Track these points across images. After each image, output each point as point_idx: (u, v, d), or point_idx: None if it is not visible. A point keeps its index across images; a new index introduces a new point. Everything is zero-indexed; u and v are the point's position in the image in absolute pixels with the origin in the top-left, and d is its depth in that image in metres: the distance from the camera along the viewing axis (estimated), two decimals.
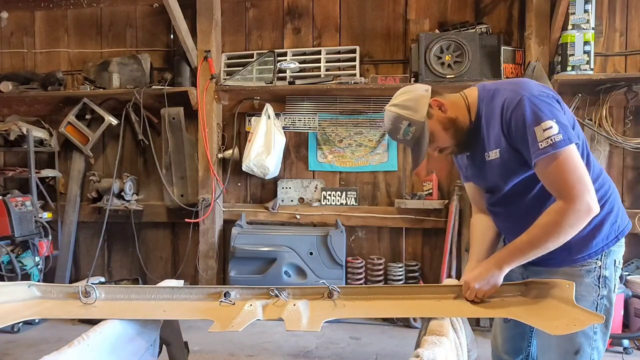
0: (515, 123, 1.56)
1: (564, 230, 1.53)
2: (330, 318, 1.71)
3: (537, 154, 1.52)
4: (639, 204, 3.86)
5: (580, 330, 1.50)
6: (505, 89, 1.63)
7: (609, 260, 1.70)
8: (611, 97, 3.73)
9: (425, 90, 1.73)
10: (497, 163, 1.67)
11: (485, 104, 1.69)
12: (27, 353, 3.36)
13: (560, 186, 1.53)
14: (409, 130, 1.69)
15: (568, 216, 1.52)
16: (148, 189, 4.55)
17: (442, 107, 1.71)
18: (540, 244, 1.57)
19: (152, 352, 1.80)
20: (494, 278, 1.66)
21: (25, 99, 4.37)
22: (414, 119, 1.68)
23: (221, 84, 4.17)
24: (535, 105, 1.54)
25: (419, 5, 4.12)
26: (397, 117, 1.70)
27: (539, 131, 1.51)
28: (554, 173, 1.53)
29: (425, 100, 1.70)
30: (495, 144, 1.65)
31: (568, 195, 1.52)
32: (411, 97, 1.71)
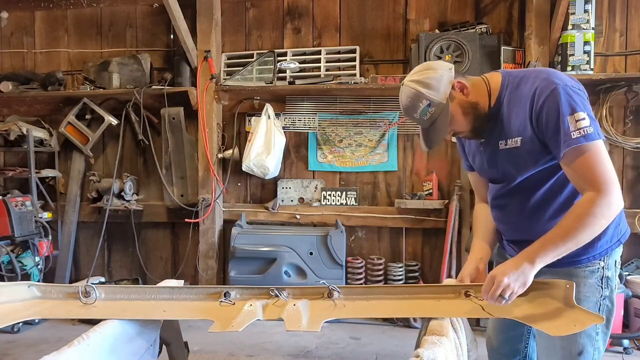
0: (548, 111, 1.51)
1: (598, 221, 1.48)
2: (330, 318, 1.71)
3: (569, 143, 1.47)
4: (639, 204, 3.87)
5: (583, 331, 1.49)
6: (537, 77, 1.57)
7: (610, 261, 1.67)
8: (611, 97, 3.73)
9: (449, 69, 1.66)
10: (515, 152, 1.62)
11: (509, 90, 1.63)
12: (27, 353, 3.36)
13: (592, 177, 1.48)
14: (427, 111, 1.62)
15: (602, 207, 1.47)
16: (148, 189, 4.55)
17: (464, 90, 1.65)
18: (574, 235, 1.49)
19: (152, 352, 1.80)
20: (525, 274, 1.52)
21: (25, 99, 4.37)
22: (435, 99, 1.60)
23: (221, 84, 4.17)
24: (569, 95, 1.50)
25: (419, 5, 4.12)
26: (417, 94, 1.62)
27: (572, 121, 1.47)
28: (585, 164, 1.48)
29: (448, 80, 1.63)
30: (517, 131, 1.59)
31: (601, 187, 1.48)
32: (434, 76, 1.62)
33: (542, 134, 1.55)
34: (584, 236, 1.49)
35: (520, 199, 1.69)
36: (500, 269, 1.55)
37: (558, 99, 1.49)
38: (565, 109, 1.49)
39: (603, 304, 1.65)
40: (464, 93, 1.65)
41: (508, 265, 1.56)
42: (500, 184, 1.74)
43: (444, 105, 1.62)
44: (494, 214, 1.84)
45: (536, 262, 1.52)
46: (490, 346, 2.03)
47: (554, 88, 1.51)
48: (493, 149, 1.69)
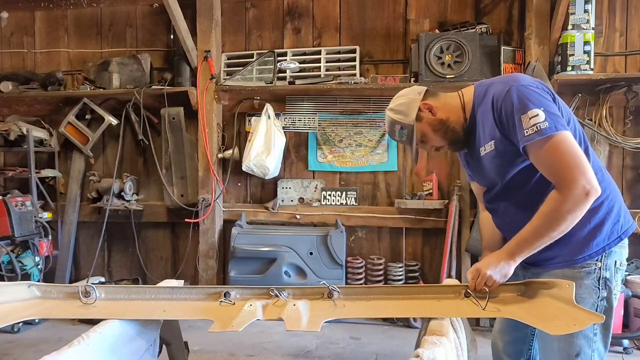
0: (505, 112, 1.59)
1: (563, 217, 1.52)
2: (330, 318, 1.71)
3: (523, 141, 1.54)
4: (638, 204, 3.86)
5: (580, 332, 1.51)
6: (497, 82, 1.70)
7: (609, 261, 1.65)
8: (611, 97, 3.73)
9: (418, 94, 1.80)
10: (492, 155, 1.70)
11: (479, 100, 1.73)
12: (27, 353, 3.36)
13: (553, 172, 1.54)
14: (402, 133, 1.81)
15: (565, 202, 1.51)
16: (148, 189, 4.55)
17: (432, 110, 1.77)
18: (544, 233, 1.56)
19: (152, 352, 1.80)
20: (506, 267, 1.65)
21: (25, 99, 4.37)
22: (404, 122, 1.79)
23: (221, 84, 4.17)
24: (522, 94, 1.57)
25: (419, 5, 4.12)
26: (391, 121, 1.83)
27: (525, 119, 1.53)
28: (544, 159, 1.55)
29: (415, 104, 1.78)
30: (490, 136, 1.68)
31: (562, 181, 1.52)
32: (403, 102, 1.80)
33: (508, 134, 1.62)
34: (554, 233, 1.55)
35: (509, 200, 1.76)
36: (484, 263, 1.68)
37: (511, 99, 1.58)
38: (517, 108, 1.56)
39: (600, 305, 1.64)
40: (432, 112, 1.78)
41: (491, 260, 1.67)
42: (490, 189, 1.83)
43: (412, 127, 1.78)
44: (493, 219, 1.91)
45: (515, 258, 1.64)
46: (495, 347, 2.03)
47: (507, 90, 1.60)
48: (477, 157, 1.78)
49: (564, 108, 1.67)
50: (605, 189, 1.64)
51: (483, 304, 1.66)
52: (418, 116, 1.77)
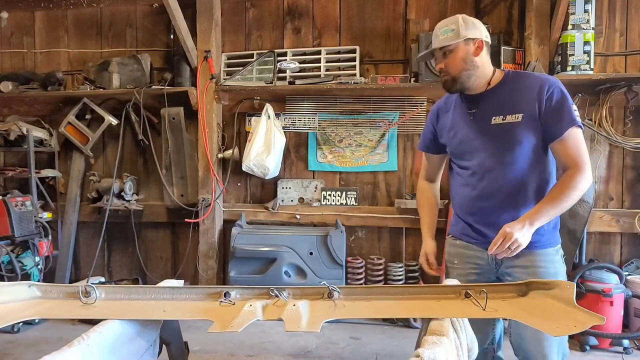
0: (559, 98, 1.89)
1: (577, 192, 1.87)
2: (330, 318, 1.71)
3: (572, 123, 1.87)
4: (638, 204, 3.87)
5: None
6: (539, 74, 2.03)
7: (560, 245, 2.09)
8: (611, 97, 3.73)
9: (487, 36, 2.02)
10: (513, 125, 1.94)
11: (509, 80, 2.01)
12: (27, 353, 3.36)
13: (577, 156, 1.88)
14: (447, 32, 1.97)
15: (582, 181, 1.86)
16: (148, 189, 4.55)
17: (478, 50, 1.98)
18: (562, 203, 1.87)
19: (152, 352, 1.79)
20: (529, 231, 1.86)
21: (25, 99, 4.37)
22: (460, 31, 1.95)
23: (221, 84, 4.17)
24: (567, 92, 1.94)
25: (419, 5, 4.12)
26: (455, 20, 1.98)
27: (574, 108, 1.90)
28: (575, 144, 1.88)
29: (480, 35, 1.98)
30: (519, 109, 1.93)
31: (582, 164, 1.87)
32: (476, 24, 2.00)
33: (549, 114, 1.90)
34: (567, 204, 1.89)
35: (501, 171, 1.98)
36: (510, 227, 1.85)
37: (564, 92, 1.91)
38: (569, 100, 1.91)
39: (564, 273, 2.04)
40: (477, 52, 1.98)
41: (515, 225, 1.86)
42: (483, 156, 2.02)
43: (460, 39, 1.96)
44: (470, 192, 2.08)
45: (535, 223, 1.87)
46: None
47: (559, 84, 1.94)
48: (485, 123, 2.00)
49: None
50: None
51: (483, 304, 1.66)
52: (469, 41, 1.96)
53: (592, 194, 3.52)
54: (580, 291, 3.35)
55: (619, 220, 3.81)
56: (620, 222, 3.81)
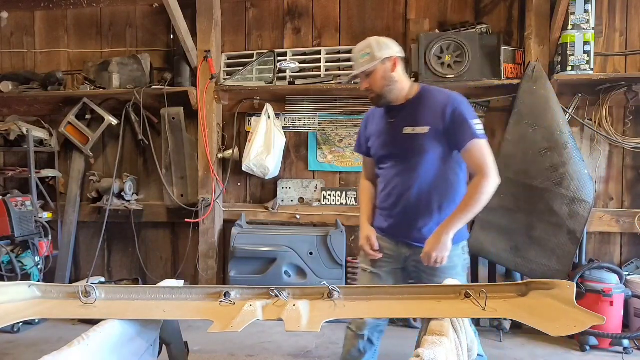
0: (460, 116, 2.14)
1: (485, 197, 2.10)
2: (330, 318, 1.71)
3: (473, 136, 2.11)
4: (638, 204, 3.86)
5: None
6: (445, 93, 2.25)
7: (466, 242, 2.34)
8: (611, 97, 3.73)
9: (399, 52, 2.26)
10: (421, 136, 2.18)
11: (424, 94, 2.25)
12: (27, 353, 3.36)
13: (482, 163, 2.12)
14: (365, 56, 2.20)
15: (487, 187, 2.10)
16: (148, 189, 4.55)
17: (394, 67, 2.21)
18: (472, 209, 2.11)
19: (152, 352, 1.80)
20: (446, 243, 2.12)
21: (25, 99, 4.36)
22: (374, 53, 2.18)
23: (221, 84, 4.17)
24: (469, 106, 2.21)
25: (419, 5, 4.12)
26: (369, 44, 2.22)
27: (474, 123, 2.14)
28: (480, 153, 2.12)
29: (393, 53, 2.22)
30: (427, 122, 2.18)
31: (487, 171, 2.11)
32: (389, 44, 2.24)
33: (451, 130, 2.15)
34: (477, 208, 2.12)
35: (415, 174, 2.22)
36: (430, 246, 2.15)
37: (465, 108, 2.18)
38: (470, 115, 2.16)
39: (464, 265, 2.33)
40: (393, 69, 2.21)
41: (432, 242, 2.14)
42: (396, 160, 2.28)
43: (376, 61, 2.19)
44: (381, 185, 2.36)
45: (450, 233, 2.12)
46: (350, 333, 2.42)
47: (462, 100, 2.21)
48: (399, 132, 2.24)
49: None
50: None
51: (483, 304, 1.66)
52: (385, 60, 2.19)
53: (592, 194, 3.52)
54: (580, 291, 3.35)
55: (619, 220, 3.81)
56: (620, 222, 3.81)
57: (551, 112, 3.56)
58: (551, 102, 3.58)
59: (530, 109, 3.63)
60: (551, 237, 3.55)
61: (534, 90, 3.63)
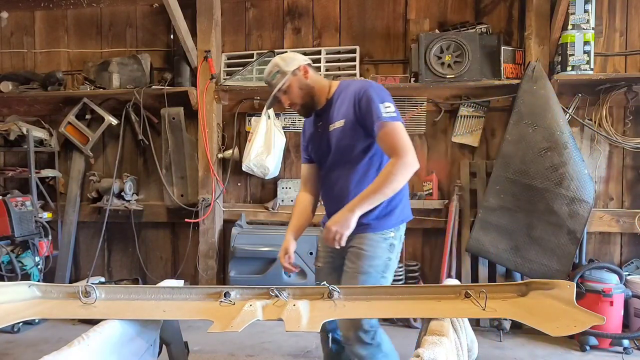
0: (366, 101, 2.08)
1: (396, 178, 2.00)
2: (330, 318, 1.71)
3: (381, 119, 2.03)
4: (638, 204, 3.86)
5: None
6: (359, 82, 2.23)
7: (398, 233, 2.24)
8: (611, 97, 3.73)
9: (305, 60, 2.25)
10: (339, 130, 2.16)
11: (341, 90, 2.23)
12: (27, 353, 3.36)
13: (394, 145, 2.02)
14: (276, 76, 2.19)
15: (399, 167, 2.00)
16: (148, 189, 4.55)
17: (306, 74, 2.21)
18: (380, 189, 2.02)
19: (152, 352, 1.80)
20: (348, 220, 2.02)
21: (25, 99, 4.36)
22: (283, 69, 2.19)
23: (221, 84, 4.17)
24: (380, 90, 2.13)
25: (419, 5, 4.12)
26: (274, 63, 2.22)
27: (382, 107, 2.06)
28: (390, 135, 2.03)
29: (298, 62, 2.21)
30: (342, 115, 2.15)
31: (399, 152, 2.01)
32: (291, 56, 2.24)
33: (362, 117, 2.10)
34: (387, 190, 2.02)
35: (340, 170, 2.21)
36: (332, 221, 2.06)
37: (371, 93, 2.10)
38: (377, 99, 2.08)
39: (387, 263, 2.19)
40: (306, 76, 2.21)
41: (336, 217, 2.06)
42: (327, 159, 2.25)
43: (286, 75, 2.19)
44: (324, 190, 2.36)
45: (355, 211, 2.02)
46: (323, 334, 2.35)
47: (369, 85, 2.14)
48: (326, 131, 2.23)
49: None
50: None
51: (483, 304, 1.66)
52: (295, 72, 2.18)
53: (592, 194, 3.52)
54: (580, 291, 3.35)
55: (619, 220, 3.81)
56: (620, 222, 3.81)
57: (551, 112, 3.56)
58: (551, 102, 3.58)
59: (530, 109, 3.63)
60: (551, 237, 3.55)
61: (534, 90, 3.64)
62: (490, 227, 3.70)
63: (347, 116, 2.14)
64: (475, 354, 2.00)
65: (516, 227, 3.64)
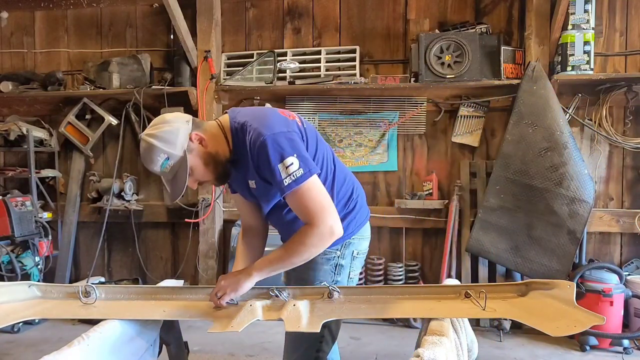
0: (262, 161, 1.65)
1: (307, 249, 1.70)
2: (330, 318, 1.71)
3: (283, 190, 1.65)
4: (638, 204, 3.86)
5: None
6: (251, 126, 1.69)
7: (347, 251, 1.90)
8: (611, 97, 3.73)
9: (187, 122, 1.71)
10: (255, 188, 1.80)
11: (236, 136, 1.74)
12: (27, 353, 3.36)
13: (305, 214, 1.69)
14: (167, 164, 1.68)
15: (311, 238, 1.67)
16: (148, 189, 4.55)
17: (202, 142, 1.71)
18: (287, 260, 1.73)
19: (152, 352, 1.79)
20: (241, 284, 1.77)
21: (25, 99, 4.36)
22: (172, 152, 1.67)
23: (221, 84, 4.17)
24: (277, 143, 1.63)
25: (419, 5, 4.12)
26: (153, 148, 1.66)
27: (282, 168, 1.62)
28: (299, 203, 1.68)
29: (185, 133, 1.68)
30: (251, 176, 1.77)
31: (311, 221, 1.67)
32: (170, 129, 1.67)
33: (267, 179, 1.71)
34: (295, 260, 1.73)
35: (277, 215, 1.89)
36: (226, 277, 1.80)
37: (267, 150, 1.63)
38: (274, 159, 1.62)
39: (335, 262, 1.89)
40: (203, 144, 1.71)
41: (230, 274, 1.82)
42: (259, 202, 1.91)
43: (181, 158, 1.68)
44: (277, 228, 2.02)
45: (253, 277, 1.77)
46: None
47: (262, 140, 1.63)
48: (244, 182, 1.83)
49: (310, 135, 1.79)
50: (351, 193, 1.91)
51: (483, 304, 1.66)
52: (188, 147, 1.68)
53: (592, 194, 3.52)
54: (580, 291, 3.35)
55: (619, 220, 3.81)
56: (620, 222, 3.81)
57: (551, 112, 3.56)
58: (551, 102, 3.59)
59: (530, 109, 3.63)
60: (551, 237, 3.55)
61: (534, 90, 3.64)
62: (490, 227, 3.70)
63: (254, 177, 1.76)
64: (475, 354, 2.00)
65: (516, 227, 3.64)
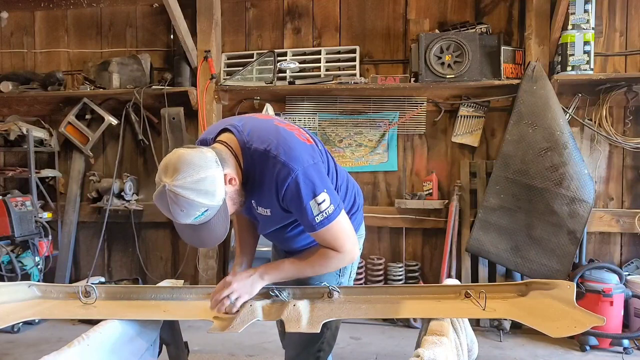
0: (292, 197, 1.59)
1: (325, 269, 1.78)
2: (330, 318, 1.71)
3: (314, 227, 1.64)
4: (638, 204, 3.86)
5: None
6: (276, 157, 1.58)
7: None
8: (611, 97, 3.73)
9: (216, 163, 1.52)
10: (266, 216, 1.74)
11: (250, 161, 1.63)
12: (27, 353, 3.36)
13: (332, 244, 1.71)
14: (203, 215, 1.52)
15: (335, 261, 1.75)
16: (148, 189, 4.54)
17: (232, 181, 1.58)
18: (302, 272, 1.79)
19: (152, 352, 1.79)
20: (253, 285, 1.76)
21: (25, 99, 4.36)
22: (213, 204, 1.51)
23: (221, 84, 4.17)
24: (308, 178, 1.58)
25: (419, 5, 4.12)
26: (194, 204, 1.47)
27: (314, 205, 1.59)
28: (329, 237, 1.69)
29: (221, 179, 1.53)
30: (267, 204, 1.69)
31: (337, 249, 1.71)
32: (208, 179, 1.48)
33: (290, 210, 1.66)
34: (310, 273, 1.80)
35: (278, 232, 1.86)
36: (235, 278, 1.75)
37: (299, 188, 1.57)
38: (306, 196, 1.58)
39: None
40: (232, 184, 1.59)
41: (242, 274, 1.77)
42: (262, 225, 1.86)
43: (221, 207, 1.55)
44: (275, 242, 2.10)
45: (265, 278, 1.77)
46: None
47: (295, 177, 1.56)
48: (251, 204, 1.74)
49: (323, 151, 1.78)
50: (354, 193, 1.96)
51: (483, 304, 1.66)
52: (225, 197, 1.55)
53: (592, 194, 3.52)
54: (580, 291, 3.34)
55: (619, 220, 3.81)
56: (620, 222, 3.81)
57: (551, 112, 3.56)
58: (551, 102, 3.59)
59: (530, 109, 3.63)
60: (551, 237, 3.55)
61: (534, 90, 3.64)
62: (490, 227, 3.70)
63: (271, 206, 1.68)
64: (475, 354, 2.00)
65: (516, 227, 3.64)
